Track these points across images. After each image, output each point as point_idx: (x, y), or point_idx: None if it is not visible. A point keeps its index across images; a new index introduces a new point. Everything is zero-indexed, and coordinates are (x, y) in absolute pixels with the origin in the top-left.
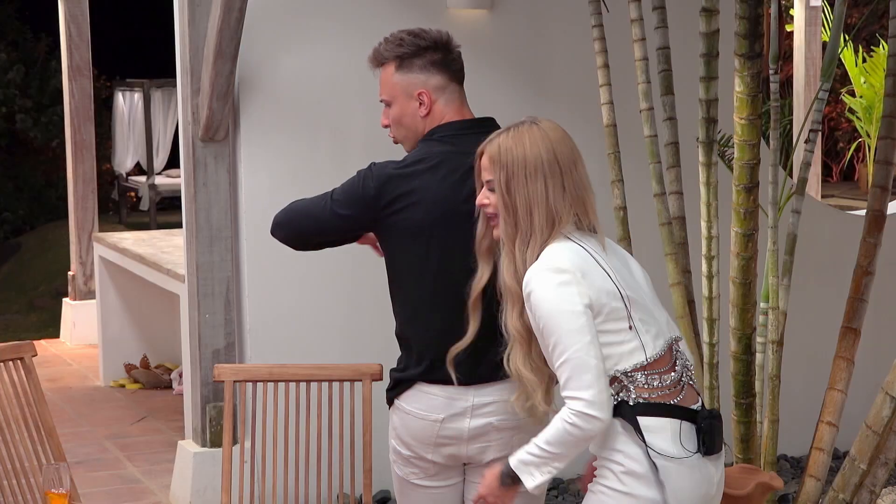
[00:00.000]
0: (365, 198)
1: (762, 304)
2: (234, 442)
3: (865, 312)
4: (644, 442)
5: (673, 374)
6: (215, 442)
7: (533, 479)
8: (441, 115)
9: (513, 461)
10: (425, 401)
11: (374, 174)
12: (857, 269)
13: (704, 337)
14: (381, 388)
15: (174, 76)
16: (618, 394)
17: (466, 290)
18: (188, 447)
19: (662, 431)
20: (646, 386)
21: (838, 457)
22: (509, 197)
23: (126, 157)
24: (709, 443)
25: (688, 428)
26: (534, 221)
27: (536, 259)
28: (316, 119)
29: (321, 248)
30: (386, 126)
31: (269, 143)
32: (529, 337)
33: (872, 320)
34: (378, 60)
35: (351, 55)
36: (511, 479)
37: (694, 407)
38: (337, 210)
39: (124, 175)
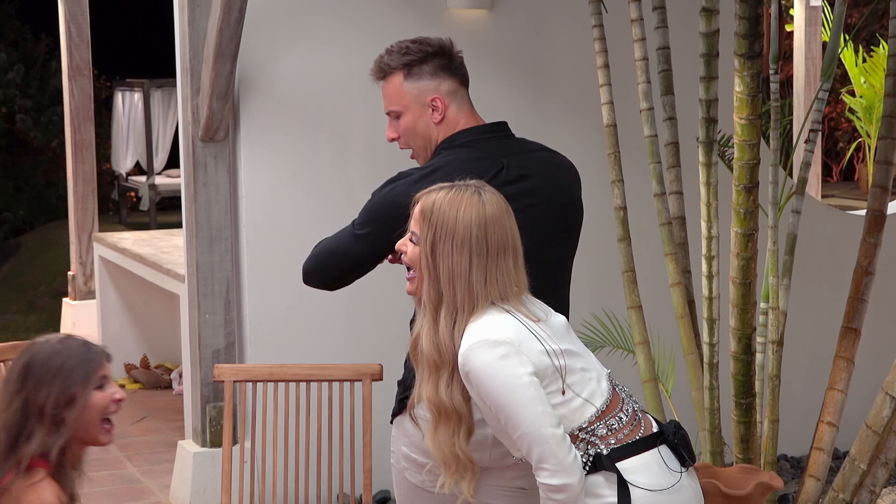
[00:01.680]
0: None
1: (762, 304)
2: (234, 442)
3: (865, 312)
4: (627, 485)
5: (625, 408)
6: (215, 442)
7: None
8: (455, 121)
9: None
10: None
11: (404, 192)
12: (857, 269)
13: (704, 337)
14: (381, 388)
15: (174, 76)
16: (586, 451)
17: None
18: (188, 447)
19: (647, 467)
20: (609, 433)
21: (838, 457)
22: (433, 261)
23: (124, 157)
24: (688, 454)
25: (666, 451)
26: (456, 296)
27: (457, 338)
28: (316, 119)
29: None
30: (393, 139)
31: (269, 143)
32: (452, 411)
33: (872, 320)
34: (383, 72)
35: (351, 55)
36: None
37: (656, 429)
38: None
39: (124, 175)
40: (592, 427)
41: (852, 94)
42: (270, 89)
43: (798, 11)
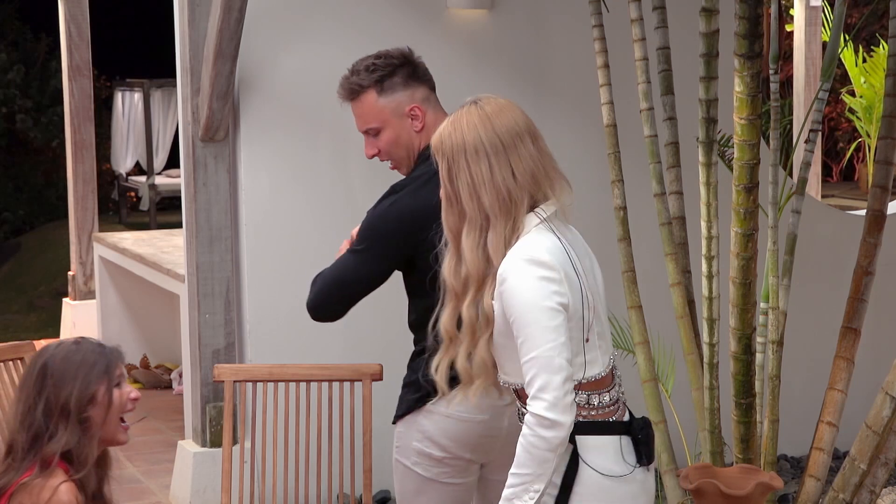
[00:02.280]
0: (410, 233)
1: (762, 304)
2: (234, 442)
3: (865, 312)
4: (579, 460)
5: (612, 393)
6: (215, 442)
7: None
8: (434, 126)
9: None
10: (469, 403)
11: (409, 203)
12: (857, 269)
13: (704, 337)
14: (381, 388)
15: (174, 76)
16: None
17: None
18: (188, 447)
19: (605, 449)
20: (586, 404)
21: (838, 457)
22: (451, 186)
23: (124, 157)
24: (647, 453)
25: (626, 442)
26: (483, 205)
27: (501, 247)
28: (316, 119)
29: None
30: (373, 156)
31: (269, 143)
32: (458, 338)
33: (872, 320)
34: (354, 92)
35: (351, 55)
36: None
37: (627, 419)
38: (374, 258)
39: (124, 175)
40: (579, 392)
41: (852, 94)
42: (270, 89)
43: (798, 11)
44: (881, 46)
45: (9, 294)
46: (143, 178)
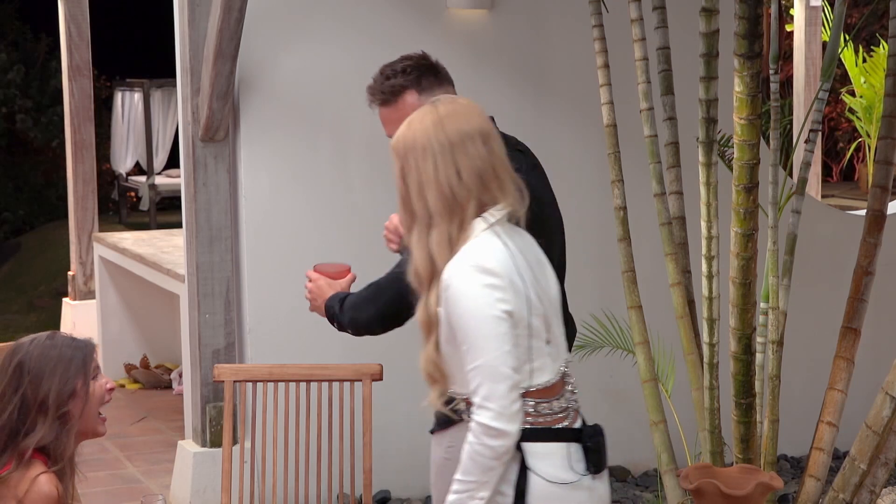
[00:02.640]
0: None
1: (762, 304)
2: (234, 442)
3: (865, 312)
4: (527, 469)
5: (561, 400)
6: (215, 442)
7: None
8: None
9: None
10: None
11: None
12: (857, 269)
13: (704, 337)
14: (381, 388)
15: (174, 76)
16: None
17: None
18: (188, 447)
19: (552, 457)
20: (533, 412)
21: (838, 457)
22: (403, 185)
23: (123, 157)
24: (596, 461)
25: (576, 449)
26: (427, 205)
27: (445, 247)
28: (316, 119)
29: None
30: None
31: (269, 143)
32: (435, 323)
33: (872, 320)
34: (394, 93)
35: (351, 55)
36: None
37: (577, 426)
38: None
39: (124, 175)
40: (525, 399)
41: (852, 94)
42: (270, 89)
43: (798, 11)
44: (881, 46)
45: (9, 294)
46: (143, 178)
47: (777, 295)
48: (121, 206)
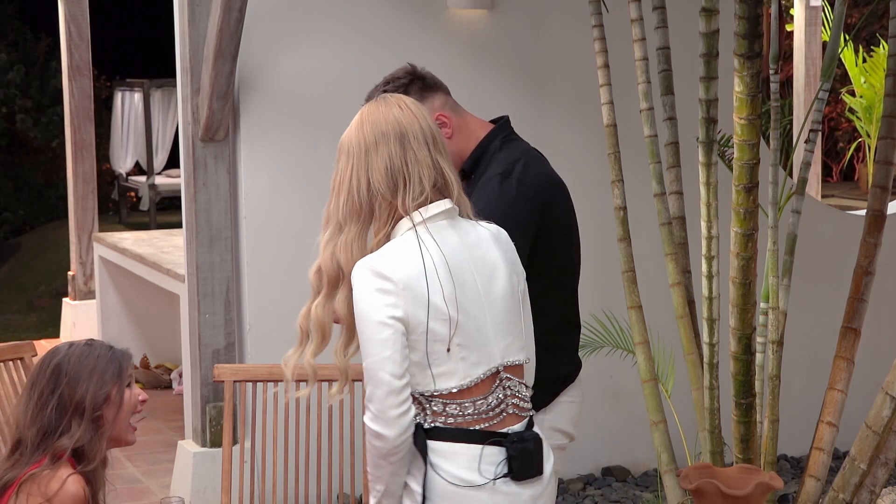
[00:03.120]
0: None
1: (762, 304)
2: (234, 442)
3: (865, 312)
4: (430, 467)
5: (486, 402)
6: (215, 442)
7: None
8: (466, 126)
9: None
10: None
11: (529, 184)
12: (857, 269)
13: (704, 337)
14: None
15: (174, 76)
16: (415, 416)
17: None
18: (188, 447)
19: (457, 457)
20: (443, 413)
21: (838, 457)
22: (331, 183)
23: (123, 157)
24: (517, 468)
25: (492, 452)
26: (339, 206)
27: (350, 250)
28: (316, 119)
29: None
30: None
31: (269, 143)
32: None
33: (872, 320)
34: None
35: (351, 55)
36: None
37: (504, 430)
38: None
39: (124, 175)
40: (432, 400)
41: (852, 94)
42: (270, 89)
43: (798, 11)
44: (881, 46)
45: (9, 294)
46: (143, 178)
47: (777, 295)
48: (121, 206)
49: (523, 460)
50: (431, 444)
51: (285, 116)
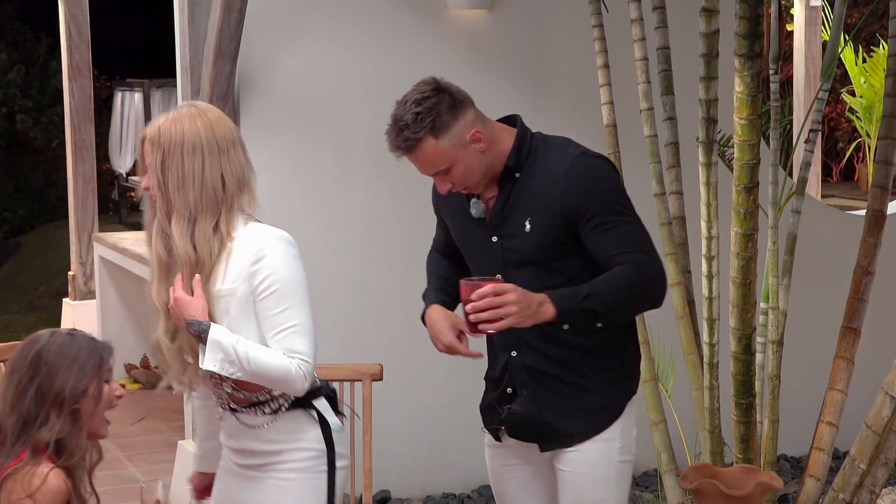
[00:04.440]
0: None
1: (762, 304)
2: None
3: (865, 312)
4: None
5: None
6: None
7: (210, 365)
8: (495, 137)
9: (214, 331)
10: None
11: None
12: (857, 269)
13: (704, 337)
14: (381, 388)
15: (174, 76)
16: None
17: None
18: (188, 447)
19: (327, 409)
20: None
21: (838, 457)
22: (163, 176)
23: (123, 157)
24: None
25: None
26: (189, 199)
27: (209, 240)
28: (316, 119)
29: None
30: (448, 191)
31: (270, 144)
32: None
33: (872, 320)
34: (410, 147)
35: (351, 55)
36: (198, 338)
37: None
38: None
39: (124, 175)
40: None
41: (852, 94)
42: (270, 89)
43: (798, 11)
44: (881, 46)
45: (9, 294)
46: None
47: (777, 295)
48: (121, 206)
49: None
50: (315, 401)
51: (285, 116)
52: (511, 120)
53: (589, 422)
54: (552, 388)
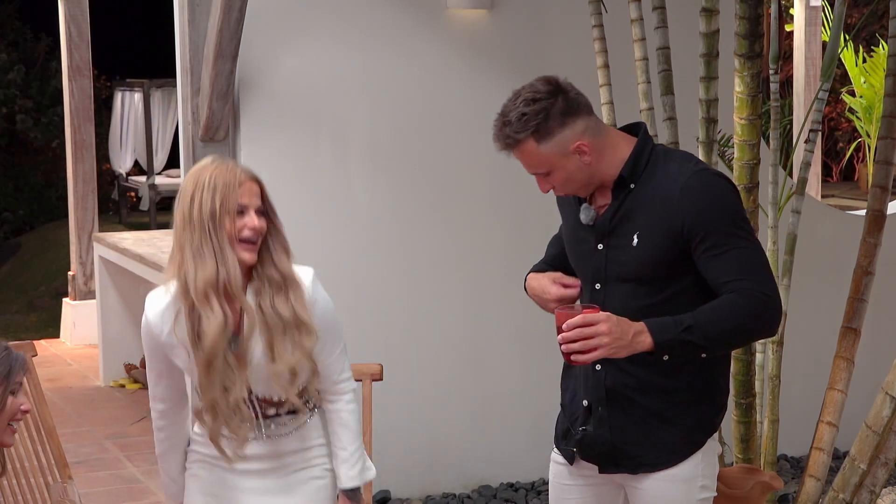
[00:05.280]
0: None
1: None
2: None
3: (865, 312)
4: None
5: None
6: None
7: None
8: (609, 142)
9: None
10: None
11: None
12: (857, 269)
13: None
14: (381, 388)
15: (174, 76)
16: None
17: None
18: None
19: None
20: None
21: (838, 457)
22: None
23: (123, 157)
24: None
25: None
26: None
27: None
28: (316, 118)
29: None
30: (549, 191)
31: (270, 143)
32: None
33: (872, 320)
34: (510, 145)
35: (351, 55)
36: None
37: None
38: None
39: (124, 175)
40: None
41: (852, 94)
42: (270, 89)
43: (798, 11)
44: (881, 46)
45: (9, 294)
46: (142, 178)
47: None
48: (121, 206)
49: None
50: None
51: (285, 116)
52: (635, 127)
53: (660, 454)
54: (629, 412)
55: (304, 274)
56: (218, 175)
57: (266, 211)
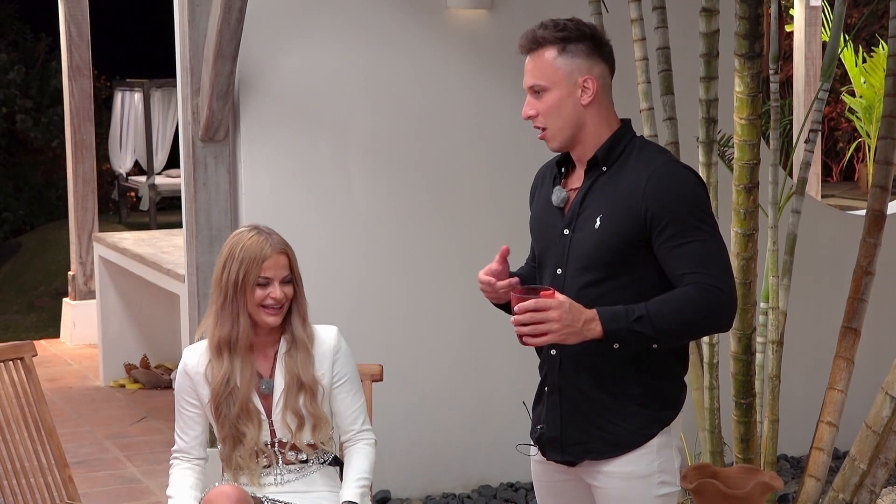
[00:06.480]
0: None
1: (762, 304)
2: None
3: (865, 312)
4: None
5: None
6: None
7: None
8: (603, 115)
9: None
10: None
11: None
12: (857, 269)
13: (704, 337)
14: (381, 388)
15: (174, 76)
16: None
17: None
18: None
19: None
20: None
21: (838, 457)
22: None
23: (123, 157)
24: None
25: None
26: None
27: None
28: (316, 118)
29: None
30: (529, 117)
31: (269, 143)
32: None
33: (872, 320)
34: (536, 43)
35: (351, 55)
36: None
37: None
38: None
39: (124, 175)
40: None
41: (852, 94)
42: (270, 89)
43: (798, 11)
44: (881, 46)
45: (9, 294)
46: (143, 178)
47: (777, 295)
48: (121, 206)
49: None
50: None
51: (285, 116)
52: (624, 121)
53: (606, 446)
54: (576, 400)
55: (327, 333)
56: (248, 247)
57: (293, 280)
